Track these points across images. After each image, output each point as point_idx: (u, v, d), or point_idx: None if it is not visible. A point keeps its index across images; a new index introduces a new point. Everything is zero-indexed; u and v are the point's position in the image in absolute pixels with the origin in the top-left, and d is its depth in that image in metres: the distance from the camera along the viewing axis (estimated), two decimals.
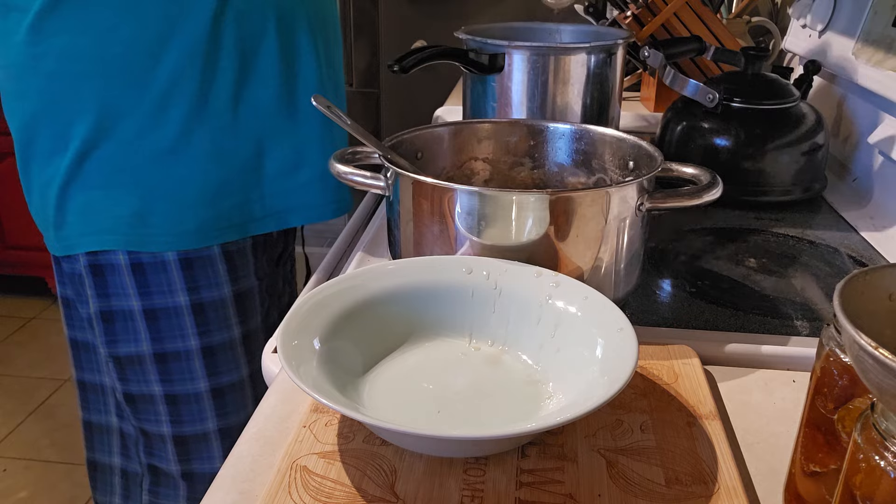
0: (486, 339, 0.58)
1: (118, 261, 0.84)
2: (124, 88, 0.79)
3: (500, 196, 0.57)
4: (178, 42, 0.78)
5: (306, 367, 0.48)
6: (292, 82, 0.86)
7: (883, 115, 0.99)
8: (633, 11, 1.32)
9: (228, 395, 0.92)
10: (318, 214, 0.93)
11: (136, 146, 0.81)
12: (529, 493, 0.45)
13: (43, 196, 0.84)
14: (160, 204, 0.82)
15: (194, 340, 0.87)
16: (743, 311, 0.69)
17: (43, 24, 0.76)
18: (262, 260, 0.93)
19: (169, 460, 0.93)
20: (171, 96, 0.80)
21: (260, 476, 0.49)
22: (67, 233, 0.84)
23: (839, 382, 0.41)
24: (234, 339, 0.90)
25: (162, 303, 0.85)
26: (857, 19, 1.02)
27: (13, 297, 2.70)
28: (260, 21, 0.82)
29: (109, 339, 0.87)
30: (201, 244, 0.85)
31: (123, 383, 0.89)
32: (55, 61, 0.78)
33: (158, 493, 0.96)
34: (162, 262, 0.84)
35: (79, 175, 0.81)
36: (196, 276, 0.86)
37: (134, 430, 0.94)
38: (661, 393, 0.54)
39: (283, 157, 0.88)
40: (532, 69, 0.89)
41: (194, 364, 0.88)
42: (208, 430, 0.92)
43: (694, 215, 0.91)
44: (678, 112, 1.00)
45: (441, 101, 1.42)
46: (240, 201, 0.86)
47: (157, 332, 0.86)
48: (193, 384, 0.89)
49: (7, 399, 2.18)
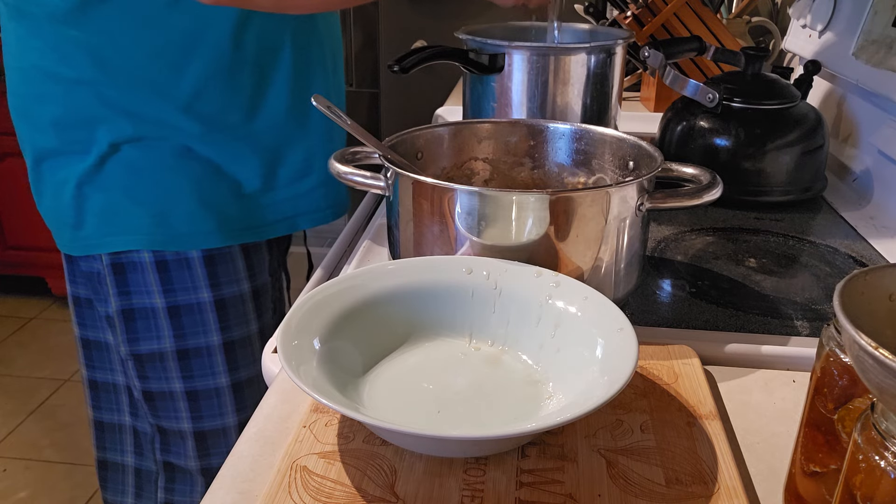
0: (486, 339, 0.58)
1: (142, 259, 0.85)
2: (149, 98, 0.80)
3: (500, 196, 0.57)
4: (200, 55, 0.80)
5: (306, 367, 0.48)
6: (304, 93, 0.89)
7: (883, 115, 0.99)
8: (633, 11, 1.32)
9: (247, 389, 0.93)
10: (322, 218, 0.96)
11: (158, 150, 0.82)
12: (529, 493, 0.45)
13: (56, 197, 0.85)
14: (182, 205, 0.84)
15: (216, 336, 0.89)
16: (743, 311, 0.69)
17: (65, 32, 0.78)
18: (275, 256, 0.96)
19: (188, 456, 0.94)
20: (194, 106, 0.81)
21: (260, 476, 0.49)
22: (88, 233, 0.85)
23: (839, 382, 0.41)
24: (252, 334, 0.93)
25: (185, 299, 0.87)
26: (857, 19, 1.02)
27: (13, 297, 2.70)
28: (278, 35, 0.84)
29: (131, 336, 0.88)
30: (223, 243, 0.87)
31: (143, 381, 0.90)
32: (79, 69, 0.79)
33: (174, 489, 0.97)
34: (186, 259, 0.86)
35: (98, 176, 0.83)
36: (218, 273, 0.88)
37: (150, 428, 0.95)
38: (661, 393, 0.54)
39: (295, 164, 0.90)
40: (532, 69, 0.89)
41: (216, 359, 0.90)
42: (228, 424, 0.93)
43: (694, 215, 0.91)
44: (678, 112, 1.00)
45: (441, 101, 1.42)
46: (255, 206, 0.88)
47: (179, 329, 0.88)
48: (214, 379, 0.91)
49: (7, 399, 2.18)
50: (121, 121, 0.80)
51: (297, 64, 0.87)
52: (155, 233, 0.84)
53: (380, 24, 2.35)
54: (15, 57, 0.83)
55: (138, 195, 0.83)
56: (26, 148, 0.86)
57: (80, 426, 2.05)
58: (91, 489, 1.85)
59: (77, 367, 2.27)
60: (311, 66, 0.89)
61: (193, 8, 0.76)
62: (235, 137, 0.85)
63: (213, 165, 0.84)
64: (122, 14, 0.77)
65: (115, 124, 0.81)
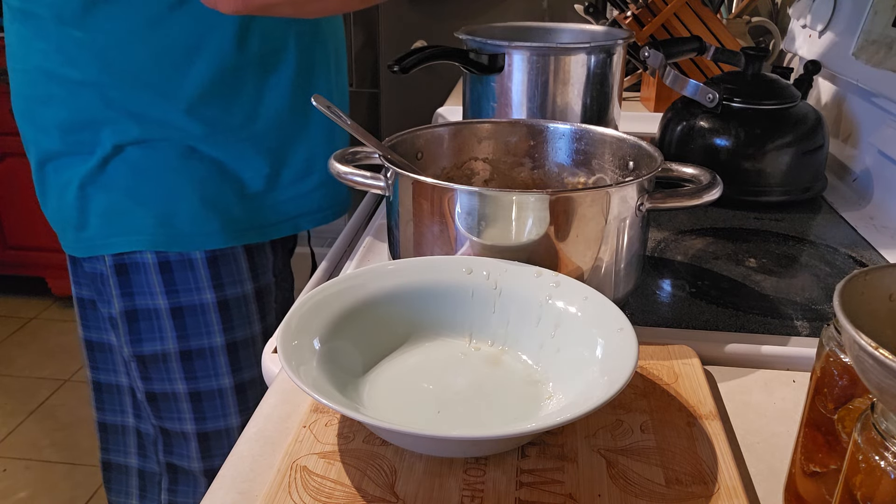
0: (486, 339, 0.58)
1: (145, 260, 0.85)
2: (153, 99, 0.80)
3: (500, 196, 0.57)
4: (204, 56, 0.80)
5: (306, 367, 0.48)
6: (307, 93, 0.89)
7: (883, 115, 0.99)
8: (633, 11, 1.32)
9: (250, 390, 0.93)
10: (324, 218, 0.95)
11: (161, 151, 0.82)
12: (529, 493, 0.45)
13: (60, 198, 0.85)
14: (185, 206, 0.84)
15: (219, 337, 0.89)
16: (743, 311, 0.69)
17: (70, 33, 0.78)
18: (278, 256, 0.95)
19: (191, 458, 0.94)
20: (197, 108, 0.81)
21: (260, 476, 0.49)
22: (91, 234, 0.85)
23: (839, 382, 0.41)
24: (255, 335, 0.92)
25: (188, 300, 0.87)
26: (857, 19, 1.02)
27: (13, 297, 2.70)
28: (281, 36, 0.84)
29: (134, 338, 0.88)
30: (227, 244, 0.87)
31: (146, 382, 0.90)
32: (83, 71, 0.79)
33: (177, 491, 0.97)
34: (189, 260, 0.86)
35: (101, 177, 0.83)
36: (221, 274, 0.87)
37: (153, 430, 0.95)
38: (661, 393, 0.54)
39: (297, 165, 0.90)
40: (532, 69, 0.89)
41: (219, 360, 0.90)
42: (231, 426, 0.93)
43: (694, 215, 0.91)
44: (678, 112, 1.00)
45: (441, 101, 1.42)
46: (258, 206, 0.88)
47: (183, 330, 0.88)
48: (218, 380, 0.91)
49: (7, 399, 2.18)
50: (125, 122, 0.80)
51: (301, 65, 0.87)
52: (158, 234, 0.84)
53: (380, 24, 2.35)
54: (19, 59, 0.83)
55: (141, 196, 0.83)
56: (30, 150, 0.86)
57: (80, 426, 2.05)
58: (91, 489, 1.85)
59: (77, 368, 2.28)
60: (315, 66, 0.89)
61: (197, 10, 0.76)
62: (239, 138, 0.85)
63: (217, 166, 0.84)
64: (127, 16, 0.77)
65: (119, 126, 0.81)
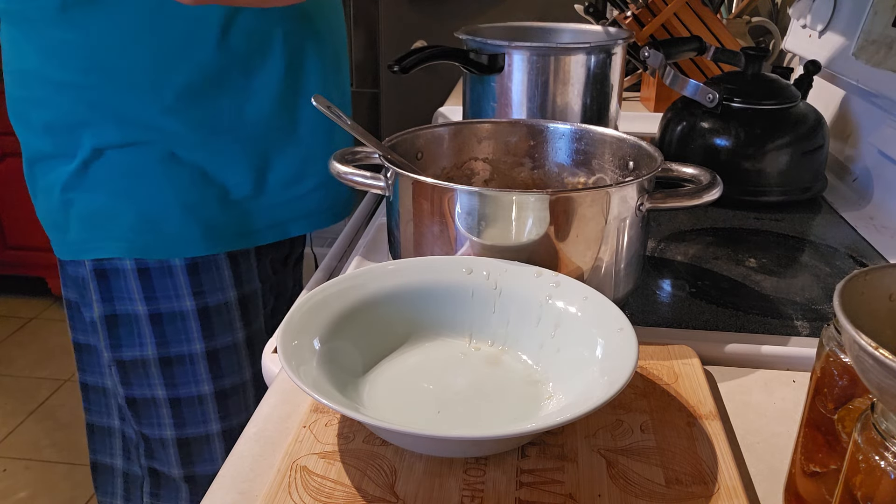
0: (486, 339, 0.58)
1: (125, 266, 0.84)
2: (135, 101, 0.79)
3: (500, 196, 0.57)
4: (187, 57, 0.79)
5: (306, 367, 0.48)
6: (295, 95, 0.87)
7: (883, 115, 0.99)
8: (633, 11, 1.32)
9: (231, 397, 0.92)
10: (317, 222, 0.93)
11: (143, 156, 0.81)
12: (529, 493, 0.45)
13: (47, 200, 0.85)
14: (166, 213, 0.83)
15: (199, 344, 0.88)
16: (743, 311, 0.69)
17: (53, 34, 0.77)
18: (265, 263, 0.93)
19: (171, 463, 0.93)
20: (180, 110, 0.80)
21: (260, 476, 0.49)
22: (73, 238, 0.84)
23: (839, 382, 0.41)
24: (238, 342, 0.91)
25: (168, 307, 0.86)
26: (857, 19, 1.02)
27: (13, 297, 2.70)
28: (267, 37, 0.83)
29: (113, 343, 0.87)
30: (208, 251, 0.85)
31: (126, 387, 0.90)
32: (66, 72, 0.78)
33: (159, 495, 0.96)
34: (169, 267, 0.84)
35: (82, 181, 0.82)
36: (202, 281, 0.86)
37: (135, 434, 0.94)
38: (661, 393, 0.54)
39: (287, 169, 0.88)
40: (532, 69, 0.89)
41: (199, 367, 0.88)
42: (211, 432, 0.92)
43: (694, 215, 0.91)
44: (678, 112, 1.00)
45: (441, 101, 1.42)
46: (243, 212, 0.87)
47: (162, 337, 0.86)
48: (197, 387, 0.89)
49: (7, 399, 2.18)
50: (106, 125, 0.79)
51: (290, 66, 0.85)
52: (137, 240, 0.83)
53: (380, 24, 2.35)
54: (9, 60, 0.83)
55: (121, 202, 0.82)
56: (23, 150, 0.86)
57: (80, 426, 2.04)
58: (91, 489, 1.85)
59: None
60: (305, 67, 0.87)
61: (180, 10, 0.75)
62: (223, 141, 0.83)
63: (200, 172, 0.83)
64: (109, 16, 0.76)
65: (101, 128, 0.80)
